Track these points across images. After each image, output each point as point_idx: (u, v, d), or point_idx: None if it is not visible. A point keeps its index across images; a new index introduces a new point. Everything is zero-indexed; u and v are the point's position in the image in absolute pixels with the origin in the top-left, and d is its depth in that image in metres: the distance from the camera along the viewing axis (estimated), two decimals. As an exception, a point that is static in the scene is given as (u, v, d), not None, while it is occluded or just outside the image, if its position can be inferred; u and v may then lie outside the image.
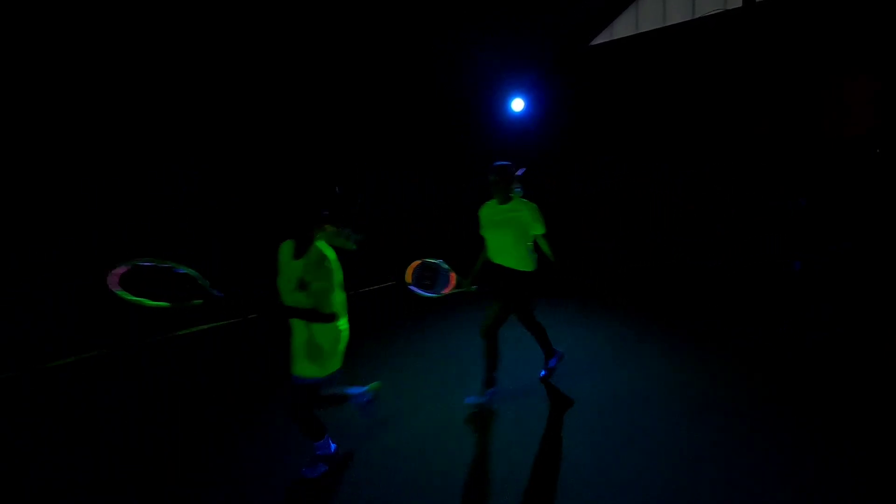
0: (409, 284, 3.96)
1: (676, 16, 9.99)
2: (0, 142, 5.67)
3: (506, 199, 3.97)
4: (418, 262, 4.06)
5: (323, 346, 2.89)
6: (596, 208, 11.72)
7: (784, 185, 9.04)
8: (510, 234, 3.95)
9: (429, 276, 4.03)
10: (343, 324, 3.07)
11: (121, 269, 2.28)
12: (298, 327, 2.93)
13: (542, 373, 4.76)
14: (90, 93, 6.40)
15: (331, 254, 2.84)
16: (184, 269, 2.39)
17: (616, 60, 10.82)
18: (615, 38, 10.85)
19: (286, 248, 2.93)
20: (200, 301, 2.43)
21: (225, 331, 6.85)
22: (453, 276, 4.03)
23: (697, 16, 9.71)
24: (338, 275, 2.86)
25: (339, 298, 2.91)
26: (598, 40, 11.14)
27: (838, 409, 4.08)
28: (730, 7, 9.38)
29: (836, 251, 8.19)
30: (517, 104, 11.81)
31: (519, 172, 3.95)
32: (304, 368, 2.95)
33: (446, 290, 4.00)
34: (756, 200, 9.35)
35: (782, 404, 4.19)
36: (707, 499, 2.96)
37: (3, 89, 5.62)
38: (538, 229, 4.08)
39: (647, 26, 10.39)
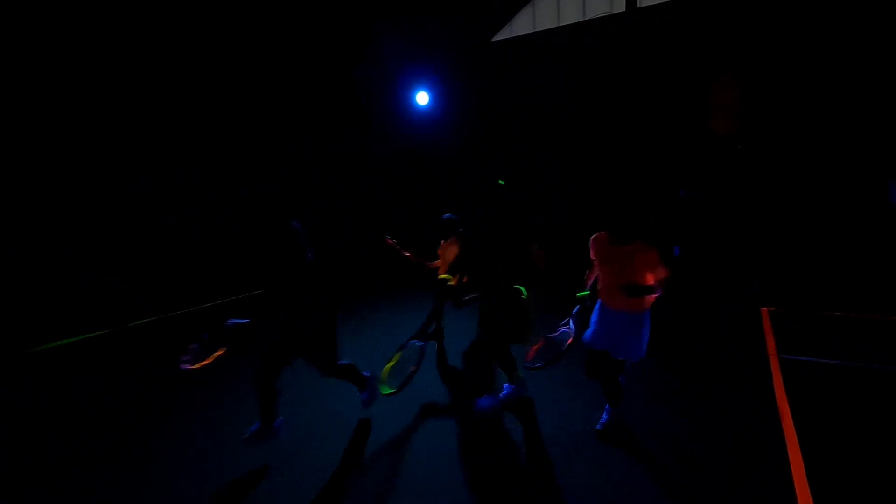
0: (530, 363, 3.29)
1: (570, 15, 10.34)
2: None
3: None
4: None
5: None
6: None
7: (667, 177, 9.59)
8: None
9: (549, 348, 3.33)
10: None
11: None
12: None
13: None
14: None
15: None
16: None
17: (516, 56, 10.98)
18: (515, 34, 11.03)
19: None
20: None
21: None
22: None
23: (588, 17, 10.12)
24: None
25: None
26: (500, 37, 11.26)
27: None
28: (616, 11, 9.88)
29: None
30: (422, 98, 11.57)
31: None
32: None
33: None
34: (641, 190, 9.82)
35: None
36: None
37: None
38: None
39: (543, 25, 10.67)
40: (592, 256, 3.09)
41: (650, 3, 9.39)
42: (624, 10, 9.70)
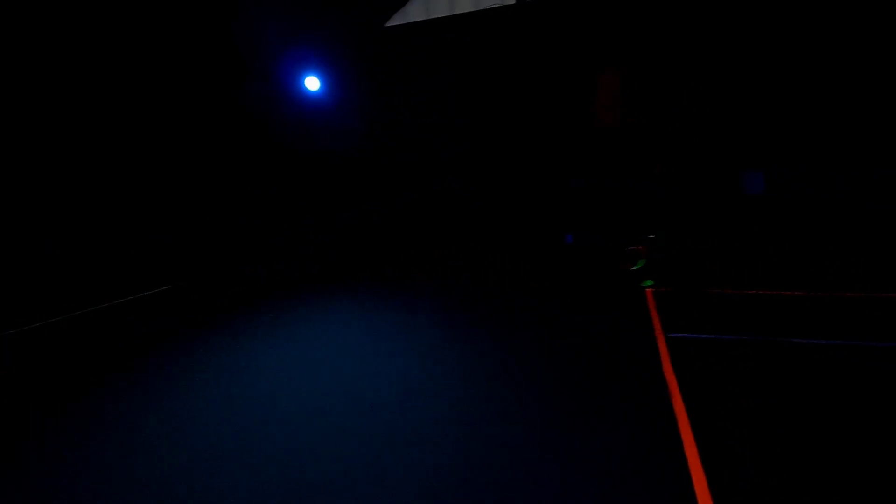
0: None
1: (463, 4, 10.29)
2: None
3: None
4: None
5: None
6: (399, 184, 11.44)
7: (556, 167, 10.07)
8: None
9: None
10: None
11: None
12: None
13: None
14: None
15: None
16: None
17: (410, 43, 10.69)
18: (409, 21, 10.71)
19: None
20: None
21: None
22: None
23: (481, 7, 10.16)
24: None
25: None
26: (393, 22, 10.86)
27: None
28: (507, 2, 10.03)
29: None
30: (312, 83, 10.80)
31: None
32: None
33: None
34: (532, 181, 10.22)
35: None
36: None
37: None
38: None
39: (437, 13, 10.49)
40: None
41: (538, -2, 9.66)
42: (514, 2, 9.89)
